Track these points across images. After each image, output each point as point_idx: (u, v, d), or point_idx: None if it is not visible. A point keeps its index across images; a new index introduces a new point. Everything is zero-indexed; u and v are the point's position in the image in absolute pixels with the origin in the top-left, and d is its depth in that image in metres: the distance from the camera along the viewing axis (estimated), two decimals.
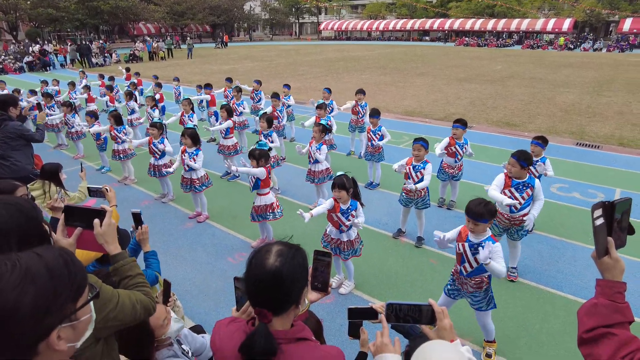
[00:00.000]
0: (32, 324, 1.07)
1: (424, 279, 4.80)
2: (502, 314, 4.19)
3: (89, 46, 31.41)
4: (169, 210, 6.72)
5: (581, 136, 10.66)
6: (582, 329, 1.50)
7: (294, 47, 47.50)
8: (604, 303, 1.47)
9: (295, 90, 17.13)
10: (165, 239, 5.76)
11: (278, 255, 1.46)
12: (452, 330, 1.56)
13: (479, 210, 3.27)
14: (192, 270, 5.03)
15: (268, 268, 1.44)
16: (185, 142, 6.04)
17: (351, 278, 4.59)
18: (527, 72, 22.91)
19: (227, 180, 8.00)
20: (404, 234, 5.79)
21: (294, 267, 1.46)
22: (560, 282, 4.74)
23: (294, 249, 1.52)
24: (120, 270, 1.82)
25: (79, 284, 1.19)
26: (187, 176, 6.17)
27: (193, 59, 33.30)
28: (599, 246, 1.51)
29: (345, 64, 28.58)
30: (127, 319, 1.71)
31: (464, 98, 15.84)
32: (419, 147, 5.25)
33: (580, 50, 41.14)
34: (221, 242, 5.67)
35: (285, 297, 1.46)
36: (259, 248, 1.53)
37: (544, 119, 12.47)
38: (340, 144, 9.67)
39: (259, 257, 1.47)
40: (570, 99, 15.47)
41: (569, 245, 5.55)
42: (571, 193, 7.13)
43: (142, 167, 8.22)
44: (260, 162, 5.06)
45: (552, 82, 19.29)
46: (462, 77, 21.31)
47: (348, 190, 4.15)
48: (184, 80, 20.10)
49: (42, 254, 1.16)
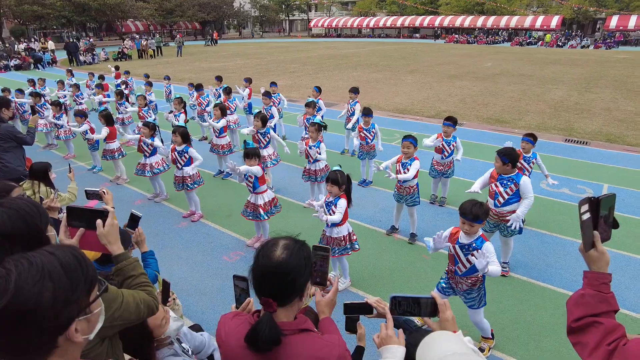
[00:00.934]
0: (52, 317, 1.13)
1: (417, 275, 4.89)
2: (495, 307, 4.29)
3: (76, 44, 31.01)
4: (162, 210, 6.73)
5: (570, 132, 10.84)
6: (571, 319, 1.58)
7: (285, 44, 47.36)
8: (590, 293, 1.55)
9: (286, 88, 17.16)
10: (160, 238, 5.78)
11: (285, 248, 1.54)
12: (454, 322, 1.62)
13: (476, 212, 3.28)
14: (188, 269, 5.06)
15: (275, 259, 1.51)
16: (176, 139, 6.05)
17: (346, 275, 4.65)
18: (517, 69, 23.15)
19: (220, 178, 8.02)
20: (397, 230, 5.87)
21: (299, 259, 1.54)
22: (550, 276, 4.86)
23: (299, 243, 1.60)
24: (124, 270, 1.86)
25: (92, 277, 1.26)
26: (179, 174, 6.18)
27: (183, 57, 33.07)
28: (585, 239, 1.59)
29: (336, 61, 28.61)
30: (131, 317, 1.75)
31: (455, 95, 15.98)
32: (408, 145, 5.32)
33: (567, 47, 41.62)
34: (216, 241, 5.70)
35: (290, 288, 1.53)
36: (266, 241, 1.60)
37: (533, 115, 12.65)
38: (334, 142, 9.73)
39: (266, 250, 1.55)
40: (559, 95, 15.70)
41: (558, 239, 5.68)
42: (561, 189, 7.28)
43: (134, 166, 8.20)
44: (255, 160, 5.11)
45: (541, 79, 19.54)
46: (453, 74, 21.48)
47: (340, 186, 4.20)
48: (174, 78, 19.98)
49: (54, 251, 1.22)
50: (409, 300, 1.65)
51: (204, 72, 23.38)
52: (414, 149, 5.34)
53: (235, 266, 5.10)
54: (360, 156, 7.47)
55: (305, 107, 8.10)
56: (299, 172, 7.83)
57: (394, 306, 1.65)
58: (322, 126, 6.23)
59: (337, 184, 4.16)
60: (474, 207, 3.31)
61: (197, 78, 20.63)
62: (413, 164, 5.32)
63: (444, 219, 6.23)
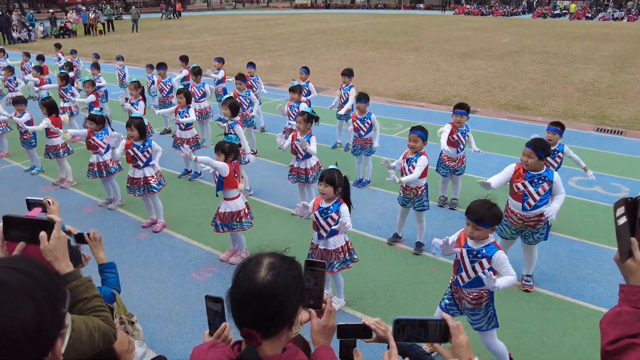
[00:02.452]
0: (38, 337, 1.20)
1: (425, 292, 4.93)
2: (516, 328, 4.35)
3: (7, 17, 30.54)
4: (118, 218, 6.67)
5: (602, 120, 11.03)
6: (605, 341, 1.61)
7: (263, 17, 47.26)
8: (628, 311, 1.58)
9: (265, 70, 17.14)
10: (115, 253, 5.73)
11: (270, 268, 1.52)
12: (469, 348, 1.62)
13: (481, 213, 3.35)
14: (149, 289, 5.03)
15: (259, 282, 1.48)
16: (132, 134, 6.01)
17: (341, 294, 4.67)
18: (539, 46, 23.47)
19: (187, 180, 7.98)
20: (400, 239, 5.91)
21: (288, 280, 1.52)
22: (581, 290, 4.94)
23: (287, 261, 1.58)
24: (75, 292, 1.85)
25: (63, 289, 1.34)
26: (139, 175, 6.13)
27: (139, 33, 32.76)
28: (622, 248, 1.62)
29: (324, 37, 28.64)
30: (84, 348, 1.73)
31: (467, 77, 16.14)
32: (416, 138, 5.33)
33: (598, 19, 42.27)
34: (183, 255, 5.68)
35: (277, 317, 1.51)
36: (247, 260, 1.58)
37: (559, 100, 12.84)
38: (325, 134, 9.75)
39: (247, 270, 1.52)
40: (589, 76, 15.95)
41: (590, 247, 5.78)
42: (592, 187, 7.40)
43: (81, 165, 8.12)
44: (229, 158, 5.09)
45: (568, 57, 19.83)
46: (464, 52, 21.68)
47: (336, 187, 4.21)
48: (129, 59, 19.80)
49: (18, 266, 1.26)
50: (415, 324, 1.65)
51: (165, 51, 23.22)
52: (422, 142, 5.36)
53: (206, 285, 5.08)
54: (354, 151, 7.50)
55: (290, 92, 8.10)
56: (284, 171, 7.83)
57: (398, 331, 1.65)
58: (312, 117, 6.25)
59: (333, 184, 4.17)
60: (481, 207, 3.37)
61: (157, 58, 20.38)
62: (419, 160, 5.31)
63: (456, 225, 6.29)
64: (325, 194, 4.24)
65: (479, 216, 3.35)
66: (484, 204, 3.39)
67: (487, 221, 3.35)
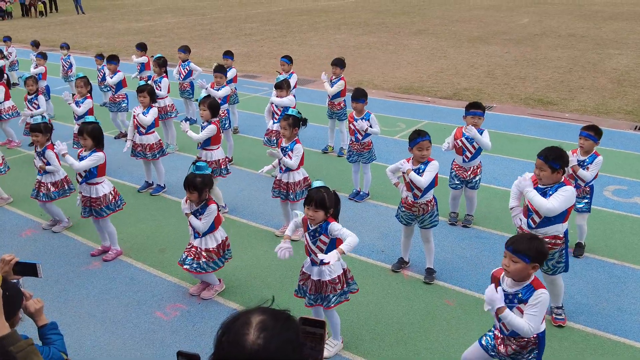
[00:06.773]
0: None
1: (438, 329, 4.89)
2: None
3: None
4: (64, 244, 6.58)
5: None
6: None
7: None
8: None
9: (240, 58, 17.07)
10: (61, 287, 5.64)
11: (261, 329, 1.49)
12: None
13: (522, 245, 3.36)
14: (103, 332, 4.95)
15: (248, 349, 1.46)
16: (85, 143, 5.92)
17: (337, 334, 4.63)
18: (564, 27, 23.73)
19: (148, 194, 7.89)
20: (407, 265, 5.89)
21: (284, 344, 1.49)
22: (624, 325, 4.93)
23: (282, 318, 1.55)
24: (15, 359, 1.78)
25: None
26: (86, 194, 6.01)
27: (87, 14, 32.58)
28: None
29: (310, 18, 28.72)
30: None
31: (480, 66, 16.24)
32: (428, 145, 5.30)
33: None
34: (144, 289, 5.61)
35: None
36: (231, 318, 1.54)
37: (589, 93, 12.96)
38: (314, 136, 9.72)
39: (233, 333, 1.49)
40: (623, 64, 16.14)
41: (632, 271, 5.78)
42: (632, 198, 7.45)
43: (20, 180, 7.98)
44: (203, 194, 5.10)
45: (598, 41, 20.06)
46: (476, 36, 21.85)
47: (328, 210, 4.19)
48: (76, 46, 19.65)
49: None
50: None
51: (119, 36, 23.10)
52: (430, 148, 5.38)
53: (173, 326, 5.00)
54: (350, 158, 7.46)
55: (276, 89, 8.06)
56: (264, 182, 7.78)
57: None
58: (299, 120, 6.21)
59: (324, 208, 4.14)
60: (522, 237, 3.41)
61: (109, 45, 20.32)
62: (429, 166, 5.30)
63: (471, 245, 6.29)
64: (315, 219, 4.21)
65: (519, 247, 3.40)
66: (533, 239, 3.49)
67: (524, 253, 3.37)
